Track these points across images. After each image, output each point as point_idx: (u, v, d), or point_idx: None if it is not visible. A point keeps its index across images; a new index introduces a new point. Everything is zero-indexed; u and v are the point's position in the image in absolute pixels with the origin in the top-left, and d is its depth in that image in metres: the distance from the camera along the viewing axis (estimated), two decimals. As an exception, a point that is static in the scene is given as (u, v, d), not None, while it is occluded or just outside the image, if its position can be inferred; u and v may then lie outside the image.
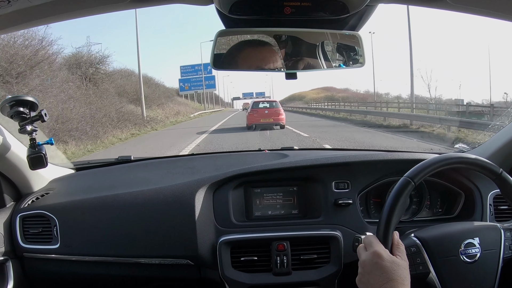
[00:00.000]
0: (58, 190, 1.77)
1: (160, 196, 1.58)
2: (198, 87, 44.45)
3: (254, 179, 1.66)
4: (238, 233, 1.55)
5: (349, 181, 1.64)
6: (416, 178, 1.09)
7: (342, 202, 1.59)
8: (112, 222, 1.57)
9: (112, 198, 1.61)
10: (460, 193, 1.68)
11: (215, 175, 1.62)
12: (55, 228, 1.59)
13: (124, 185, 1.71)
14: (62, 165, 2.00)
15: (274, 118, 15.24)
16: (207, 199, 1.59)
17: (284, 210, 1.67)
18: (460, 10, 1.04)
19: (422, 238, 1.19)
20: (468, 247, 1.17)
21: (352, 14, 1.07)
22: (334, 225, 1.59)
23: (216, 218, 1.58)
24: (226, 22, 1.14)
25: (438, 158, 1.12)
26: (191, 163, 1.98)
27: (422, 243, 1.18)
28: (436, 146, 9.08)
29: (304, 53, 1.23)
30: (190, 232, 1.52)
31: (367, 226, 1.58)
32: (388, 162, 1.69)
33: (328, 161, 1.66)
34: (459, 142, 7.29)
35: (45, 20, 1.10)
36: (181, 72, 45.68)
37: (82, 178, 1.94)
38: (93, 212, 1.60)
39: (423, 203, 1.70)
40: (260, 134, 13.63)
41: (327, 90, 68.08)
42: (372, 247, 1.02)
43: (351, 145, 10.03)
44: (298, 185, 1.68)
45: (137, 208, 1.57)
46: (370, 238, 1.06)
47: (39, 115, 1.42)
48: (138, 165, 2.06)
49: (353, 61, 1.25)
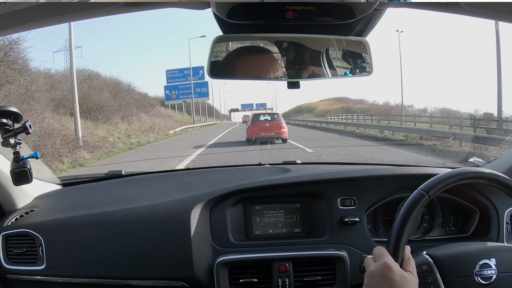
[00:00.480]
0: (43, 207, 1.75)
1: (153, 214, 1.57)
2: (188, 95, 38.71)
3: (254, 195, 1.65)
4: (237, 253, 1.53)
5: (356, 198, 1.63)
6: (430, 192, 1.08)
7: (348, 220, 1.58)
8: (101, 242, 1.55)
9: (102, 216, 1.60)
10: (474, 211, 1.67)
11: (212, 191, 1.61)
12: (41, 248, 1.57)
13: (114, 202, 1.69)
14: (48, 181, 1.98)
15: (275, 132, 15.18)
16: (204, 216, 1.57)
17: (286, 228, 1.65)
18: (475, 14, 1.04)
19: (435, 256, 1.18)
20: (483, 268, 1.14)
21: (359, 18, 1.07)
22: (340, 244, 1.57)
23: (213, 237, 1.56)
24: (223, 28, 1.14)
25: (455, 172, 1.11)
26: (186, 178, 1.97)
27: (434, 261, 1.16)
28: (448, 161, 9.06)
29: (307, 60, 1.22)
30: (185, 252, 1.50)
31: (375, 246, 1.56)
32: (398, 177, 1.68)
33: (334, 176, 1.65)
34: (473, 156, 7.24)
35: (33, 25, 1.09)
36: (167, 77, 39.65)
37: (70, 194, 1.93)
38: (81, 230, 1.58)
39: (435, 221, 1.68)
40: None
41: (341, 101, 64.44)
42: (382, 258, 1.01)
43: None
44: (301, 201, 1.66)
45: (129, 226, 1.55)
46: (380, 249, 1.05)
47: (23, 127, 1.41)
48: (129, 180, 2.05)
49: (360, 69, 1.25)
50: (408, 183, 1.59)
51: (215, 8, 1.04)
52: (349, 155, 11.06)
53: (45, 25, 1.10)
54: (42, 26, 1.12)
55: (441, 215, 1.70)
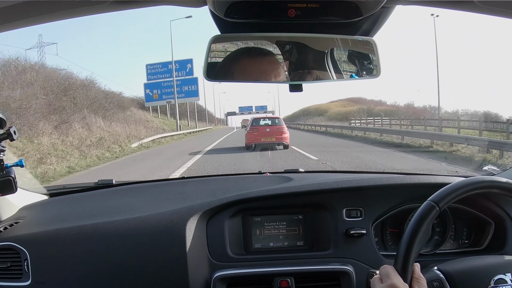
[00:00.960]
0: (29, 219, 1.74)
1: (146, 226, 1.56)
2: (173, 94, 32.01)
3: (254, 206, 1.64)
4: (235, 267, 1.53)
5: (363, 209, 1.63)
6: (441, 203, 1.08)
7: (355, 232, 1.57)
8: (91, 256, 1.54)
9: (91, 228, 1.59)
10: (489, 222, 1.66)
11: (209, 202, 1.61)
12: (26, 263, 1.55)
13: (104, 214, 1.68)
14: (34, 190, 1.98)
15: (276, 137, 15.24)
16: (200, 229, 1.56)
17: (288, 241, 1.65)
18: (489, 12, 1.03)
19: (447, 272, 1.17)
20: (498, 284, 1.14)
21: (365, 17, 1.07)
22: (345, 258, 1.56)
23: (210, 250, 1.56)
24: (221, 27, 1.14)
25: (467, 181, 1.11)
26: (181, 187, 1.97)
27: (446, 277, 1.16)
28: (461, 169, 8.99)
29: (311, 61, 1.22)
30: (180, 266, 1.49)
31: (383, 260, 1.56)
32: (407, 187, 1.67)
33: (339, 185, 1.64)
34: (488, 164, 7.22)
35: (21, 23, 1.09)
36: (147, 73, 33.95)
37: (57, 205, 1.93)
38: (69, 244, 1.57)
39: (447, 234, 1.68)
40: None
41: (357, 102, 59.41)
42: (389, 279, 1.00)
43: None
44: (304, 213, 1.66)
45: (120, 239, 1.54)
46: (387, 269, 1.04)
47: (7, 133, 1.40)
48: (120, 190, 2.05)
49: (367, 71, 1.25)
50: (418, 193, 1.59)
51: (212, 5, 1.04)
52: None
53: (34, 23, 1.09)
54: (31, 24, 1.11)
55: (453, 227, 1.70)
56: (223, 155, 13.92)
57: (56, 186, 2.22)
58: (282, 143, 15.21)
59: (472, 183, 1.11)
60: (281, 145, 15.27)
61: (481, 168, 8.63)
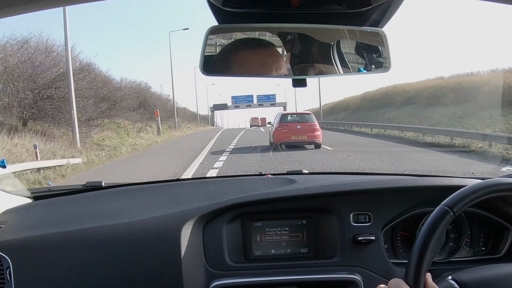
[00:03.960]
0: (12, 224, 1.74)
1: (138, 232, 1.56)
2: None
3: (254, 211, 1.64)
4: (234, 276, 1.53)
5: (371, 213, 1.63)
6: (455, 208, 1.07)
7: (363, 238, 1.58)
8: (78, 264, 1.54)
9: (78, 234, 1.59)
10: (508, 228, 1.67)
11: (206, 206, 1.61)
12: (8, 271, 1.56)
13: (92, 218, 1.68)
14: (17, 193, 1.98)
15: (308, 135, 14.60)
16: (196, 235, 1.57)
17: (290, 248, 1.65)
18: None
19: (462, 281, 1.16)
20: None
21: (374, 6, 1.07)
22: (353, 267, 1.57)
23: (206, 258, 1.56)
24: (219, 17, 1.14)
25: (484, 184, 1.10)
26: (176, 190, 1.97)
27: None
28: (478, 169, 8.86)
29: (315, 54, 1.22)
30: (175, 275, 1.49)
31: (393, 268, 1.57)
32: (419, 190, 1.67)
33: (345, 188, 1.64)
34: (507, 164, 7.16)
35: (25, 8, 1.09)
36: None
37: (42, 208, 1.93)
38: (55, 251, 1.57)
39: (462, 240, 1.68)
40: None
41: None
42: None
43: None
44: (308, 217, 1.66)
45: (109, 246, 1.55)
46: (397, 282, 1.03)
47: None
48: (110, 193, 2.05)
49: (376, 64, 1.24)
50: (431, 196, 1.59)
51: None
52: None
53: (38, 8, 1.09)
54: (35, 10, 1.11)
55: (469, 233, 1.70)
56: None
57: (41, 189, 2.22)
58: (314, 141, 14.58)
59: (489, 185, 1.10)
60: (312, 143, 14.66)
61: (499, 169, 8.57)
